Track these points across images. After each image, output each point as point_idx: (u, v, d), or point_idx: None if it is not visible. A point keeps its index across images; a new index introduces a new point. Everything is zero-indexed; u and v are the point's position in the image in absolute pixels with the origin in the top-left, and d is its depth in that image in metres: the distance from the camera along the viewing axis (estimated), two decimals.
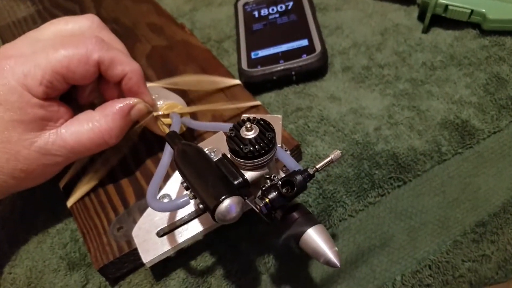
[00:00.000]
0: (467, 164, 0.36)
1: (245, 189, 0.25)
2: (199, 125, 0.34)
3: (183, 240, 0.31)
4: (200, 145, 0.30)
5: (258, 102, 0.41)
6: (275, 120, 0.31)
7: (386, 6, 0.50)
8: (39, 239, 0.38)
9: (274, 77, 0.42)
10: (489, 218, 0.32)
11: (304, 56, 0.43)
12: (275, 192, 0.23)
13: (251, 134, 0.24)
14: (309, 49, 0.43)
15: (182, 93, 0.40)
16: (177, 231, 0.31)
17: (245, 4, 0.53)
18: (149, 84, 0.39)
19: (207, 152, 0.27)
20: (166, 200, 0.34)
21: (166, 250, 0.31)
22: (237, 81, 0.43)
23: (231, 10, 0.55)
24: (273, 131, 0.25)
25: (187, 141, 0.28)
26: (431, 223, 0.33)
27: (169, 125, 0.35)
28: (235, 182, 0.24)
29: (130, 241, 0.33)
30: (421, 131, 0.37)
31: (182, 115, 0.36)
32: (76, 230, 0.37)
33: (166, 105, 0.36)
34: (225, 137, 0.31)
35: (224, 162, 0.26)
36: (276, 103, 0.42)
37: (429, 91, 0.40)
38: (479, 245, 0.31)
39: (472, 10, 0.43)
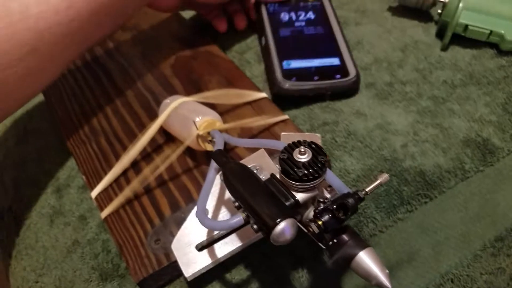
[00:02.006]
0: (488, 181, 0.37)
1: (296, 211, 0.26)
2: (240, 141, 0.35)
3: (223, 254, 0.32)
4: (243, 162, 0.31)
5: (286, 116, 0.42)
6: (314, 138, 0.32)
7: (405, 21, 0.51)
8: (69, 248, 0.39)
9: (310, 94, 0.43)
10: (506, 233, 0.34)
11: (338, 77, 0.43)
12: (328, 215, 0.24)
13: (304, 158, 0.26)
14: (343, 69, 0.44)
15: (209, 106, 0.41)
16: (216, 245, 0.32)
17: (267, 3, 0.51)
18: (182, 99, 0.40)
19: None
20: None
21: (207, 264, 0.31)
22: (264, 94, 0.44)
23: (250, 20, 0.56)
24: (325, 155, 0.26)
25: (233, 160, 0.29)
26: (454, 238, 0.35)
27: (208, 141, 0.36)
28: (287, 203, 0.25)
29: (168, 253, 0.34)
30: (445, 148, 0.39)
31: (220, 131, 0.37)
32: (107, 240, 0.38)
33: (206, 121, 0.36)
34: (266, 155, 0.33)
35: (273, 183, 0.27)
36: (302, 116, 0.43)
37: (450, 109, 0.42)
38: (496, 259, 0.33)
39: (491, 31, 0.44)
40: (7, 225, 0.44)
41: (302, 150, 0.25)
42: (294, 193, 0.26)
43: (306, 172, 0.25)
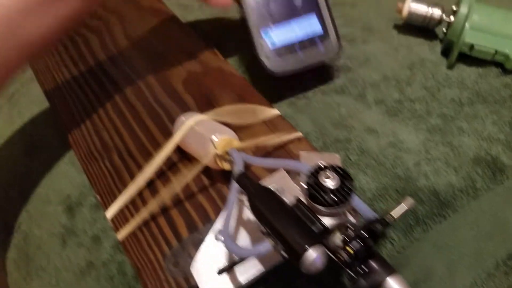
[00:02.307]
0: (498, 199, 0.38)
1: (324, 236, 0.26)
2: (260, 161, 0.35)
3: (245, 279, 0.32)
4: (262, 183, 0.31)
5: (300, 134, 0.42)
6: (334, 159, 0.33)
7: (411, 39, 0.52)
8: (82, 270, 0.38)
9: (298, 71, 0.44)
10: None
11: (319, 45, 0.44)
12: (359, 242, 0.25)
13: (331, 182, 0.26)
14: (323, 34, 0.45)
15: (223, 123, 0.41)
16: (237, 268, 0.32)
17: None
18: (198, 117, 0.40)
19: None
20: (221, 236, 0.35)
21: None
22: (277, 111, 0.45)
23: None
24: (351, 179, 0.26)
25: (257, 182, 0.29)
26: (467, 256, 0.35)
27: (226, 160, 0.36)
28: (316, 229, 0.26)
29: (187, 277, 0.34)
30: (457, 167, 0.40)
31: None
32: (123, 262, 0.38)
33: (223, 140, 0.37)
34: (287, 176, 0.33)
35: (300, 208, 0.27)
36: (314, 133, 0.44)
37: (459, 127, 0.43)
38: (509, 277, 0.34)
39: (496, 51, 0.46)
40: (16, 244, 0.44)
41: (329, 175, 0.26)
42: (321, 218, 0.26)
43: (334, 197, 0.25)
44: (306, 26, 0.45)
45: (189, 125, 0.39)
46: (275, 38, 0.45)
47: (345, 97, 0.46)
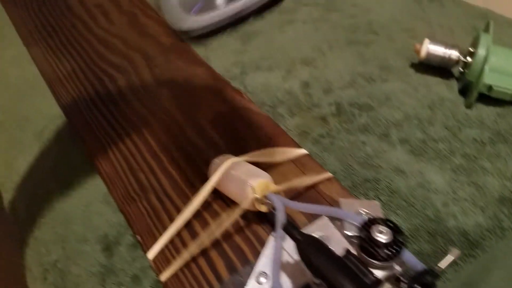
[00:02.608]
0: None
1: None
2: (300, 206, 0.36)
3: None
4: (305, 230, 0.33)
5: (330, 175, 0.44)
6: (374, 206, 0.34)
7: (428, 78, 0.54)
8: None
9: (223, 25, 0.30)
10: None
11: None
12: None
13: (384, 237, 0.27)
14: None
15: (253, 164, 0.43)
16: None
17: None
18: (233, 160, 0.41)
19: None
20: (263, 279, 0.36)
21: None
22: (305, 151, 0.46)
23: (281, 74, 0.59)
24: (403, 233, 0.28)
25: (304, 232, 0.31)
26: None
27: (264, 203, 0.38)
28: (368, 282, 0.27)
29: None
30: (483, 207, 0.41)
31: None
32: None
33: (261, 184, 0.38)
34: (331, 225, 0.34)
35: (350, 259, 0.28)
36: (341, 172, 0.45)
37: (483, 167, 0.44)
38: None
39: None
40: (53, 282, 0.44)
41: (382, 229, 0.27)
42: (372, 270, 0.28)
43: (387, 251, 0.27)
44: None
45: (225, 169, 0.41)
46: None
47: (369, 136, 0.48)
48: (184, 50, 0.64)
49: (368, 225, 0.28)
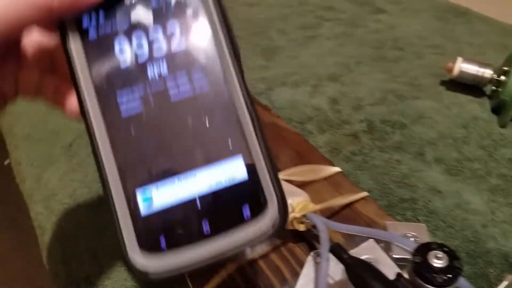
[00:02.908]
0: None
1: None
2: (343, 227, 0.35)
3: None
4: (352, 252, 0.32)
5: (366, 194, 0.43)
6: (420, 229, 0.33)
7: (460, 96, 0.54)
8: None
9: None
10: None
11: (247, 216, 0.21)
12: None
13: (440, 263, 0.27)
14: (253, 193, 0.21)
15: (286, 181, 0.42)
16: None
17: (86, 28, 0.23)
18: None
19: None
20: None
21: None
22: (338, 169, 0.46)
23: (307, 90, 0.58)
24: (459, 258, 0.27)
25: (354, 254, 0.30)
26: None
27: (302, 222, 0.37)
28: None
29: None
30: None
31: None
32: None
33: (300, 203, 0.37)
34: (378, 247, 0.33)
35: (403, 284, 0.28)
36: (376, 191, 0.45)
37: None
38: None
39: None
40: None
41: (440, 255, 0.26)
42: None
43: (445, 278, 0.26)
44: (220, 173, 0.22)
45: None
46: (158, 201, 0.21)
47: (403, 154, 0.47)
48: None
49: (423, 249, 0.27)
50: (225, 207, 0.21)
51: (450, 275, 0.26)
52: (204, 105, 0.22)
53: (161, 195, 0.21)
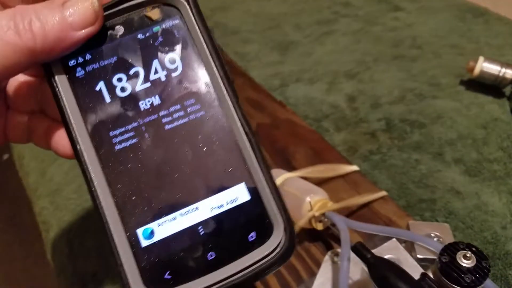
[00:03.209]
0: None
1: None
2: (365, 227, 0.35)
3: None
4: (375, 252, 0.31)
5: (384, 193, 0.42)
6: (444, 229, 0.33)
7: (480, 97, 0.53)
8: None
9: None
10: None
11: (253, 240, 0.21)
12: None
13: (468, 263, 0.26)
14: (258, 220, 0.21)
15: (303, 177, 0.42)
16: None
17: (72, 66, 0.22)
18: (286, 175, 0.40)
19: None
20: None
21: None
22: (355, 167, 0.45)
23: (323, 87, 0.58)
24: (487, 258, 0.26)
25: (376, 254, 0.29)
26: None
27: (321, 221, 0.37)
28: None
29: None
30: None
31: None
32: None
33: (319, 201, 0.37)
34: (401, 247, 0.33)
35: (429, 283, 0.27)
36: (395, 191, 0.44)
37: None
38: None
39: None
40: None
41: (468, 255, 0.26)
42: None
43: (473, 278, 0.25)
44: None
45: (278, 184, 0.40)
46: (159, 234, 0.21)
47: (423, 154, 0.47)
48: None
49: (451, 249, 0.27)
50: (230, 236, 0.21)
51: (478, 275, 0.25)
52: (201, 135, 0.22)
53: (163, 231, 0.21)
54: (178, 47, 0.22)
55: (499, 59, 0.51)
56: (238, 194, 0.21)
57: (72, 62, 0.22)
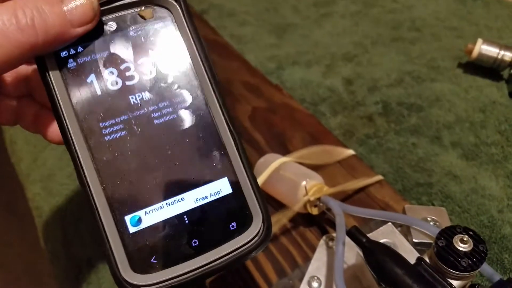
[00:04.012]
0: None
1: None
2: (360, 211, 0.34)
3: None
4: (370, 236, 0.31)
5: (380, 177, 0.42)
6: (441, 213, 0.32)
7: (478, 80, 0.52)
8: None
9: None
10: None
11: (234, 229, 0.23)
12: None
13: (465, 247, 0.26)
14: (239, 210, 0.23)
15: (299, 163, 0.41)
16: None
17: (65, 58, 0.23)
18: (282, 160, 0.40)
19: None
20: (315, 283, 0.34)
21: None
22: (352, 152, 0.45)
23: (320, 70, 0.57)
24: (484, 242, 0.26)
25: (371, 238, 0.29)
26: None
27: (316, 205, 0.36)
28: None
29: None
30: None
31: None
32: None
33: (314, 186, 0.36)
34: (397, 231, 0.33)
35: (425, 268, 0.27)
36: (391, 175, 0.44)
37: None
38: None
39: None
40: (87, 278, 0.43)
41: (465, 239, 0.26)
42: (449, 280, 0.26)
43: (470, 262, 0.25)
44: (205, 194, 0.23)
45: (273, 168, 0.39)
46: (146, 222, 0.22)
47: (420, 138, 0.46)
48: (218, 42, 0.62)
49: (447, 233, 0.26)
50: (213, 225, 0.23)
51: (475, 259, 0.25)
52: (188, 131, 0.23)
53: (150, 219, 0.22)
54: (168, 46, 0.23)
55: (498, 42, 0.50)
56: (221, 188, 0.23)
57: (64, 53, 0.22)
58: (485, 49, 0.50)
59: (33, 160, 0.54)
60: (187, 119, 0.23)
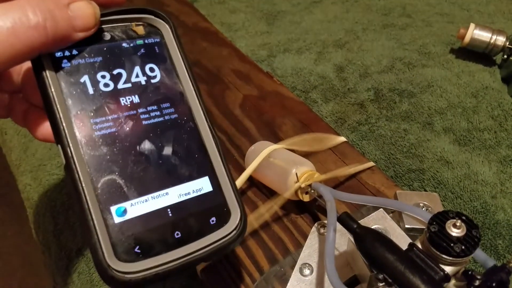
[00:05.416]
0: None
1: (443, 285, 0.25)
2: (352, 197, 0.34)
3: None
4: (361, 222, 0.31)
5: (372, 164, 0.42)
6: (433, 198, 0.32)
7: (470, 65, 0.52)
8: None
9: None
10: None
11: (213, 221, 0.25)
12: None
13: (458, 232, 0.25)
14: (219, 206, 0.25)
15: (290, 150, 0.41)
16: None
17: (59, 58, 0.24)
18: (272, 147, 0.39)
19: None
20: (307, 271, 0.34)
21: None
22: (343, 139, 0.44)
23: (312, 57, 0.56)
24: (477, 227, 0.26)
25: (363, 224, 0.29)
26: None
27: (306, 192, 0.36)
28: (436, 277, 0.25)
29: None
30: None
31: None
32: None
33: (305, 173, 0.36)
34: (389, 217, 0.32)
35: (417, 254, 0.26)
36: (383, 161, 0.43)
37: None
38: None
39: None
40: (77, 267, 0.42)
41: (458, 224, 0.25)
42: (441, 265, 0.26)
43: (463, 247, 0.25)
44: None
45: (264, 156, 0.39)
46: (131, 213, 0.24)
47: (412, 124, 0.46)
48: (208, 30, 0.61)
49: (440, 218, 0.26)
50: (194, 219, 0.25)
51: (468, 245, 0.25)
52: (173, 134, 0.26)
53: (135, 211, 0.23)
54: (157, 60, 0.26)
55: (490, 26, 0.50)
56: (203, 185, 0.26)
57: (59, 54, 0.24)
58: (477, 34, 0.49)
59: (23, 151, 0.53)
60: (173, 123, 0.26)
